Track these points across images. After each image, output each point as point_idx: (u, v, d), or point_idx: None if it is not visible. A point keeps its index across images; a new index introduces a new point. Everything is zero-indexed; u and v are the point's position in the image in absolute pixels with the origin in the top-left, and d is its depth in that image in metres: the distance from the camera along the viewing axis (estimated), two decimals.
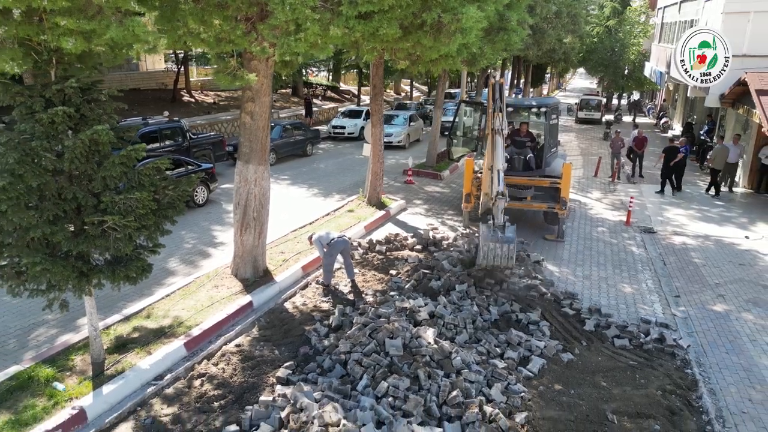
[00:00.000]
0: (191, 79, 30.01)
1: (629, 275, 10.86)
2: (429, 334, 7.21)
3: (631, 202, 14.59)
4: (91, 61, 5.67)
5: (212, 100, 29.03)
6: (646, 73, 33.23)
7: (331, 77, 43.74)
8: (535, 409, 6.46)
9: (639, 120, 35.19)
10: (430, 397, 6.17)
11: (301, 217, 13.22)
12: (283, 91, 36.50)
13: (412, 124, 25.27)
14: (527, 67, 40.64)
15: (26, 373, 6.33)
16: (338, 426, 5.35)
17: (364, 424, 5.39)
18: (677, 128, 29.74)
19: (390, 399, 6.05)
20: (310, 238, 9.48)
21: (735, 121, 18.98)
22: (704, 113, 24.16)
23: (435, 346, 7.00)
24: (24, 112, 5.27)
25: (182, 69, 28.26)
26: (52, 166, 5.26)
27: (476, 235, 9.33)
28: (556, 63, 38.20)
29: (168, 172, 6.83)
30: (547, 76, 62.08)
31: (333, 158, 21.91)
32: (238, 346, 7.54)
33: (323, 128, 27.09)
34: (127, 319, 7.80)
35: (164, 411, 6.19)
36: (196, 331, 7.52)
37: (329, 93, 40.44)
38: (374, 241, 11.63)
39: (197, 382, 6.73)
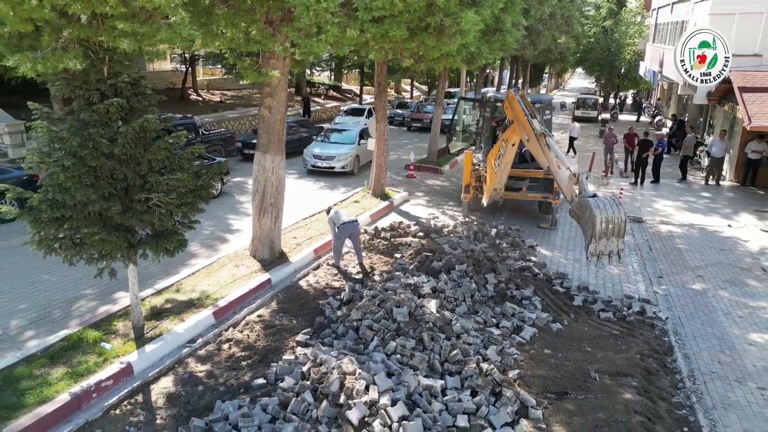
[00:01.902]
0: (198, 79, 30.81)
1: (620, 261, 11.67)
2: (432, 305, 8.03)
3: (621, 193, 15.41)
4: (134, 58, 6.50)
5: (219, 99, 29.86)
6: (641, 72, 34.07)
7: (333, 77, 44.54)
8: (526, 368, 7.29)
9: (633, 118, 36.07)
10: (433, 356, 7.00)
11: (310, 207, 14.06)
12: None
13: (363, 142, 18.30)
14: (525, 66, 41.48)
15: (76, 336, 7.16)
16: (354, 375, 6.17)
17: (376, 374, 6.21)
18: (669, 125, 30.55)
19: (398, 356, 6.88)
20: (328, 210, 10.37)
21: (723, 118, 19.82)
22: (695, 111, 25.01)
23: (437, 314, 7.83)
24: (82, 103, 6.10)
25: (189, 69, 29.07)
26: (106, 150, 6.09)
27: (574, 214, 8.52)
28: (553, 63, 39.03)
29: None
30: (546, 75, 62.95)
31: None
32: (259, 316, 8.37)
33: (327, 125, 27.87)
34: (159, 292, 8.63)
35: (199, 368, 7.01)
36: (222, 303, 8.36)
37: (331, 92, 41.24)
38: (379, 229, 12.45)
39: (225, 346, 7.55)
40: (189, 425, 5.82)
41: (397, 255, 11.04)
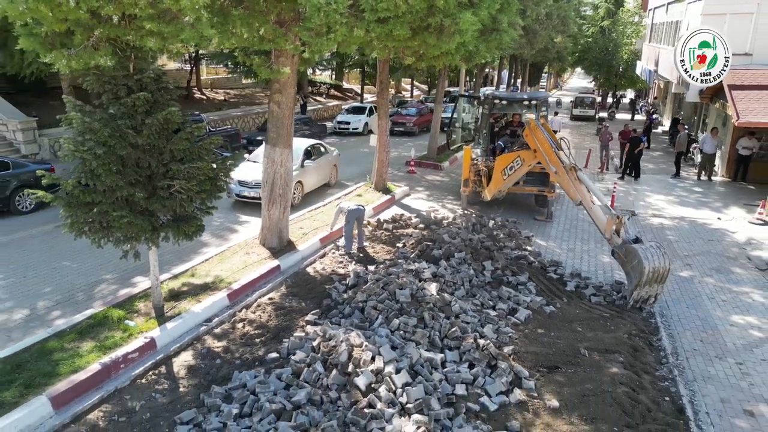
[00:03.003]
0: (201, 78, 31.33)
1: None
2: (432, 288, 8.56)
3: (614, 187, 15.95)
4: (157, 56, 7.02)
5: (223, 98, 30.38)
6: (638, 71, 34.60)
7: (334, 76, 45.07)
8: (520, 345, 7.81)
9: (629, 117, 36.60)
10: (433, 333, 7.53)
11: (315, 200, 14.57)
12: None
13: (310, 163, 14.90)
14: (524, 66, 42.02)
15: (101, 314, 7.69)
16: (361, 347, 6.70)
17: (381, 346, 6.74)
18: (666, 124, 31.11)
19: (401, 332, 7.41)
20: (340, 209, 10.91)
21: (716, 116, 20.35)
22: (690, 109, 25.54)
23: (437, 296, 8.35)
24: (111, 97, 6.62)
25: (193, 68, 29.58)
26: (133, 140, 6.61)
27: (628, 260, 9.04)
28: (551, 62, 39.59)
29: None
30: (545, 75, 63.49)
31: (339, 151, 23.20)
32: (270, 299, 8.90)
33: (329, 124, 28.43)
34: (175, 277, 9.16)
35: (216, 344, 7.54)
36: (235, 286, 8.89)
37: (332, 91, 41.76)
38: (382, 221, 12.98)
39: (239, 325, 8.08)
40: (210, 392, 6.35)
41: (399, 245, 11.55)
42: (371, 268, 9.92)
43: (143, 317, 7.77)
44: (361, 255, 10.91)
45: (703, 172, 18.94)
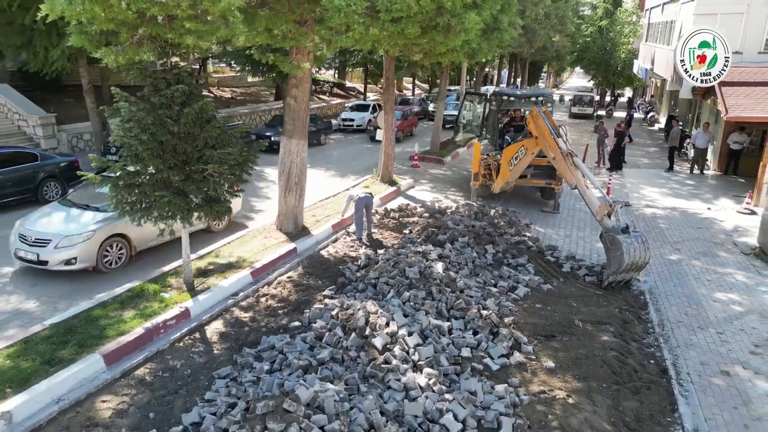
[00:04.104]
0: (210, 76, 32.07)
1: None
2: (439, 266, 9.29)
3: (610, 180, 16.69)
4: (192, 53, 7.76)
5: (230, 95, 31.12)
6: (635, 70, 35.35)
7: (336, 75, 45.81)
8: (520, 317, 8.56)
9: (624, 114, 37.39)
10: (440, 304, 8.26)
11: (324, 191, 15.33)
12: None
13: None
14: (523, 65, 42.77)
15: (138, 288, 8.44)
16: (376, 314, 7.44)
17: (394, 313, 7.49)
18: (663, 121, 31.85)
19: (411, 303, 8.15)
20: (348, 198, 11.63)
21: (709, 112, 21.09)
22: (685, 106, 26.28)
23: (443, 273, 9.09)
24: (151, 89, 7.37)
25: (201, 67, 30.32)
26: (171, 128, 7.35)
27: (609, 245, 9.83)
28: (549, 61, 40.36)
29: None
30: (544, 75, 64.24)
31: (344, 147, 23.98)
32: (289, 277, 9.64)
33: (333, 121, 29.17)
34: (201, 257, 9.91)
35: (243, 315, 8.29)
36: (257, 265, 9.64)
37: (335, 90, 42.52)
38: (389, 210, 13.72)
39: (263, 299, 8.83)
40: (242, 353, 7.10)
41: (406, 231, 12.29)
42: (381, 251, 10.66)
43: (176, 291, 8.52)
44: (371, 240, 11.66)
45: (696, 166, 19.70)
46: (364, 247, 11.29)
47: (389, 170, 16.17)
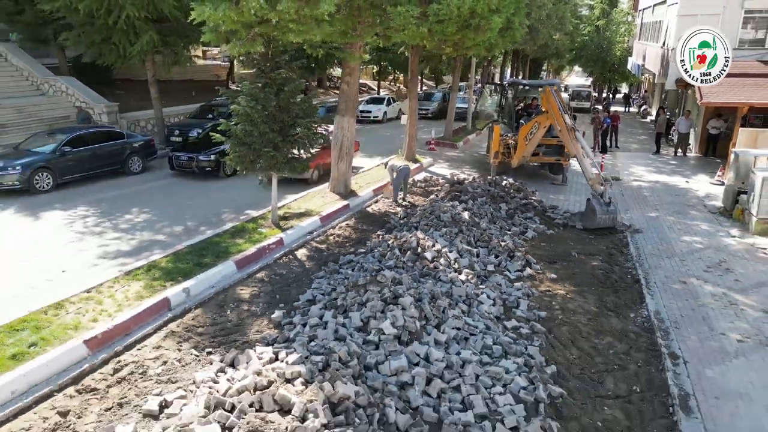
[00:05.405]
0: (236, 72, 34.67)
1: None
2: (465, 214, 11.93)
3: (602, 159, 19.33)
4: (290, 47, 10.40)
5: None
6: (629, 66, 37.99)
7: None
8: (529, 250, 11.20)
9: (622, 109, 40.07)
10: (469, 237, 10.90)
11: (360, 167, 17.99)
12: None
13: None
14: (524, 62, 45.40)
15: (240, 226, 11.09)
16: (424, 238, 10.07)
17: (437, 239, 10.12)
18: (654, 113, 34.50)
19: (447, 237, 10.78)
20: (385, 164, 14.22)
21: (692, 102, 23.71)
22: (674, 97, 28.92)
23: (469, 218, 11.73)
24: (259, 72, 10.00)
25: (231, 64, 32.97)
26: (274, 102, 9.98)
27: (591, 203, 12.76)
28: (549, 57, 43.02)
29: None
30: (544, 73, 66.85)
31: (365, 135, 26.44)
32: (347, 224, 12.28)
33: None
34: (279, 208, 12.54)
35: (319, 245, 10.92)
36: (323, 213, 12.30)
37: None
38: (415, 180, 16.36)
39: (331, 237, 11.46)
40: (327, 265, 9.73)
41: (432, 196, 14.93)
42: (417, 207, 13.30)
43: (267, 228, 11.17)
44: (405, 202, 14.27)
45: (680, 149, 22.34)
46: (399, 207, 13.93)
47: (413, 150, 18.81)
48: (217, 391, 5.53)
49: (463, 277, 9.01)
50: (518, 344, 7.37)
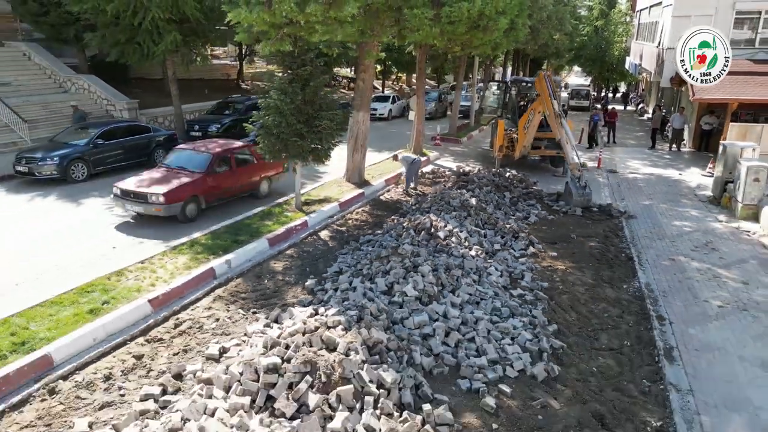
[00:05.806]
0: (245, 71, 35.70)
1: (594, 191, 16.60)
2: (473, 200, 12.94)
3: (600, 153, 20.34)
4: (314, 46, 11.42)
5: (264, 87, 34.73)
6: (626, 66, 39.01)
7: (352, 71, 49.44)
8: (531, 232, 12.20)
9: (621, 107, 41.10)
10: (477, 220, 11.91)
11: (369, 160, 18.99)
12: None
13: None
14: (525, 62, 46.40)
15: (267, 210, 12.10)
16: (437, 220, 11.07)
17: (448, 222, 11.12)
18: (651, 111, 35.53)
19: (457, 220, 11.79)
20: (395, 156, 15.23)
21: (687, 99, 24.72)
22: (670, 95, 29.92)
23: (476, 205, 12.74)
24: (286, 68, 11.00)
25: (241, 63, 33.99)
26: (300, 96, 10.98)
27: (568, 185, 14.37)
28: (549, 57, 44.06)
29: None
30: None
31: (372, 132, 27.08)
32: (363, 210, 13.29)
33: None
34: (300, 195, 13.55)
35: (340, 228, 11.92)
36: (342, 200, 13.32)
37: (352, 84, 46.19)
38: (423, 172, 17.37)
39: (349, 221, 12.46)
40: (349, 243, 10.73)
41: (440, 186, 15.93)
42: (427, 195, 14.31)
43: (291, 212, 12.18)
44: (416, 191, 15.28)
45: (674, 144, 23.35)
46: (410, 196, 14.94)
47: (420, 144, 19.81)
48: (271, 337, 6.53)
49: (473, 253, 10.01)
50: (524, 308, 8.38)
